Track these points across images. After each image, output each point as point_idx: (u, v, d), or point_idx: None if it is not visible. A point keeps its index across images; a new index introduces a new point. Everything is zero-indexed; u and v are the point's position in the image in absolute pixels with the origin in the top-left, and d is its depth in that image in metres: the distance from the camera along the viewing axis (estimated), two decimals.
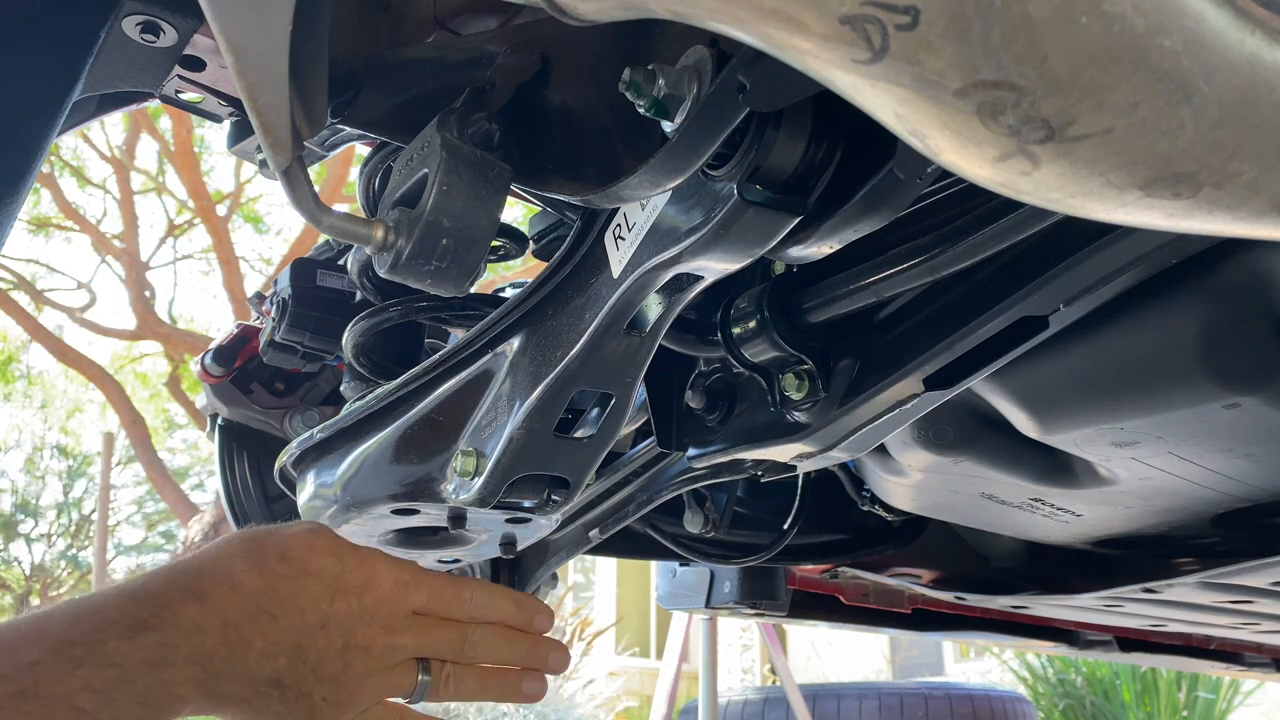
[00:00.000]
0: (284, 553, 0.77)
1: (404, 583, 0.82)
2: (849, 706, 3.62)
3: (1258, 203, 0.40)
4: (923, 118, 0.39)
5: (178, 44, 0.89)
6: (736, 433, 0.99)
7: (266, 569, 0.75)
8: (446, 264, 0.75)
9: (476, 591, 0.87)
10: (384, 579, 0.81)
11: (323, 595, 0.77)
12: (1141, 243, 0.74)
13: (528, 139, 0.84)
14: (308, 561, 0.77)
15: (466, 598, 0.86)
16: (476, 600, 0.86)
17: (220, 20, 0.63)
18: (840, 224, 0.72)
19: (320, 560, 0.78)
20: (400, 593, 0.81)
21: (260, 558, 0.76)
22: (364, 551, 0.82)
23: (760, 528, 1.47)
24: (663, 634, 5.59)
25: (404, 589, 0.82)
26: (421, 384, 1.01)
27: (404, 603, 0.81)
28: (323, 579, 0.77)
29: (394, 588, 0.81)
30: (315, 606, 0.76)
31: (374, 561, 0.81)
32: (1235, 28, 0.36)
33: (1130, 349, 0.87)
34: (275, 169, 0.71)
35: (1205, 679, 5.88)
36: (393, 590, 0.81)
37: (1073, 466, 1.10)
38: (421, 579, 0.84)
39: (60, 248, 34.72)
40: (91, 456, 18.57)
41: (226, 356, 1.67)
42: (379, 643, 0.79)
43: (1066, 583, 1.54)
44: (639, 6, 0.45)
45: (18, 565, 17.97)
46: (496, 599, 0.88)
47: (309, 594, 0.76)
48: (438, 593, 0.84)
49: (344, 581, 0.78)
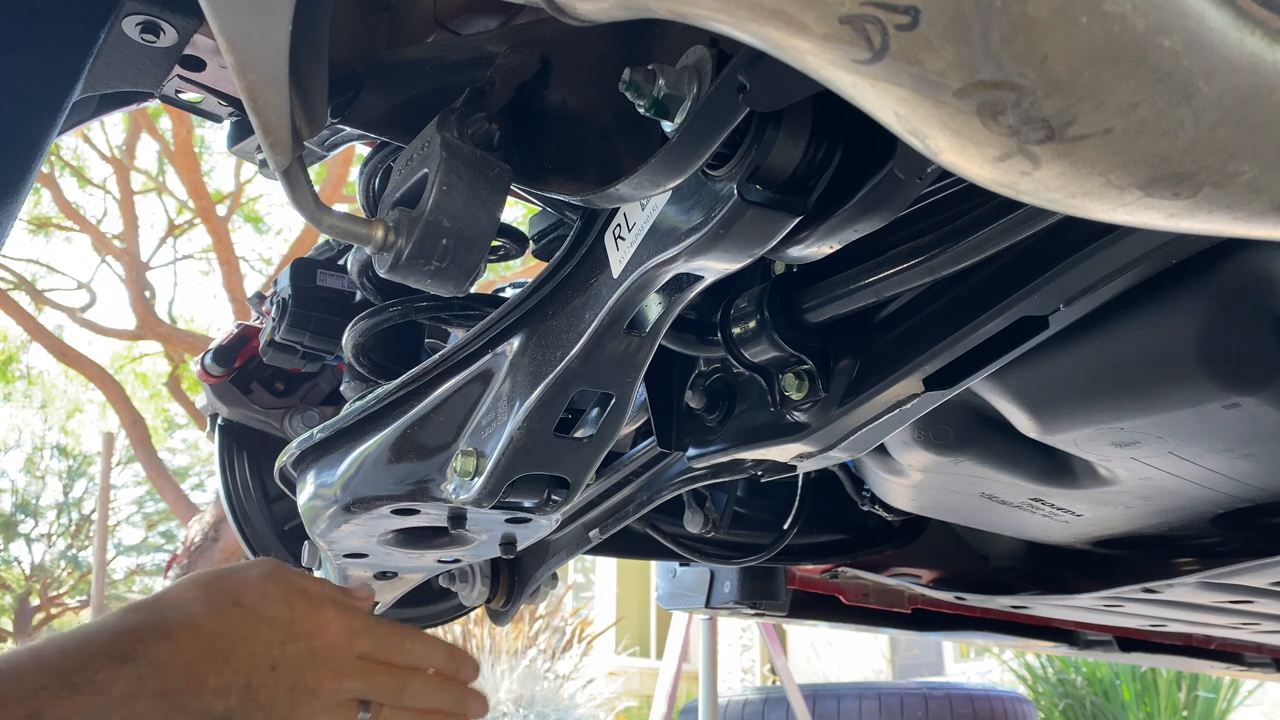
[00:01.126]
0: (239, 599, 0.84)
1: (353, 630, 0.90)
2: (849, 706, 3.62)
3: (1258, 203, 0.40)
4: (923, 118, 0.39)
5: (178, 44, 0.89)
6: (736, 433, 0.99)
7: (222, 614, 0.82)
8: (446, 264, 0.75)
9: (417, 641, 0.96)
10: (333, 625, 0.88)
11: (274, 640, 0.84)
12: (1141, 243, 0.74)
13: (528, 139, 0.84)
14: (261, 609, 0.84)
15: (408, 646, 0.95)
16: (417, 649, 0.95)
17: (220, 20, 0.63)
18: (840, 224, 0.72)
19: (273, 609, 0.85)
20: (349, 639, 0.89)
21: (218, 602, 0.83)
22: (315, 599, 0.89)
23: (760, 528, 1.47)
24: (663, 634, 5.59)
25: (352, 635, 0.89)
26: (421, 384, 1.01)
27: (351, 648, 0.89)
28: (274, 625, 0.84)
29: (343, 634, 0.89)
30: (266, 650, 0.83)
31: (324, 609, 0.89)
32: (1235, 28, 0.36)
33: (1130, 349, 0.87)
34: (275, 169, 0.71)
35: (1205, 679, 5.88)
36: (342, 636, 0.88)
37: (1073, 466, 1.10)
38: (371, 627, 0.92)
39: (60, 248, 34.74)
40: (91, 456, 18.58)
41: (226, 356, 1.67)
42: (327, 686, 0.86)
43: (1066, 583, 1.54)
44: (639, 6, 0.45)
45: (18, 565, 17.97)
46: (434, 649, 0.97)
47: (261, 639, 0.83)
48: (382, 640, 0.92)
49: (294, 628, 0.85)
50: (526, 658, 6.16)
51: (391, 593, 1.29)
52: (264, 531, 1.72)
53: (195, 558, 7.33)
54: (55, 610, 17.75)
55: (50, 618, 17.74)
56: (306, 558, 1.22)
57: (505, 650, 6.13)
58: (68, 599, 17.75)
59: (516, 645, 6.34)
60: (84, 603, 16.08)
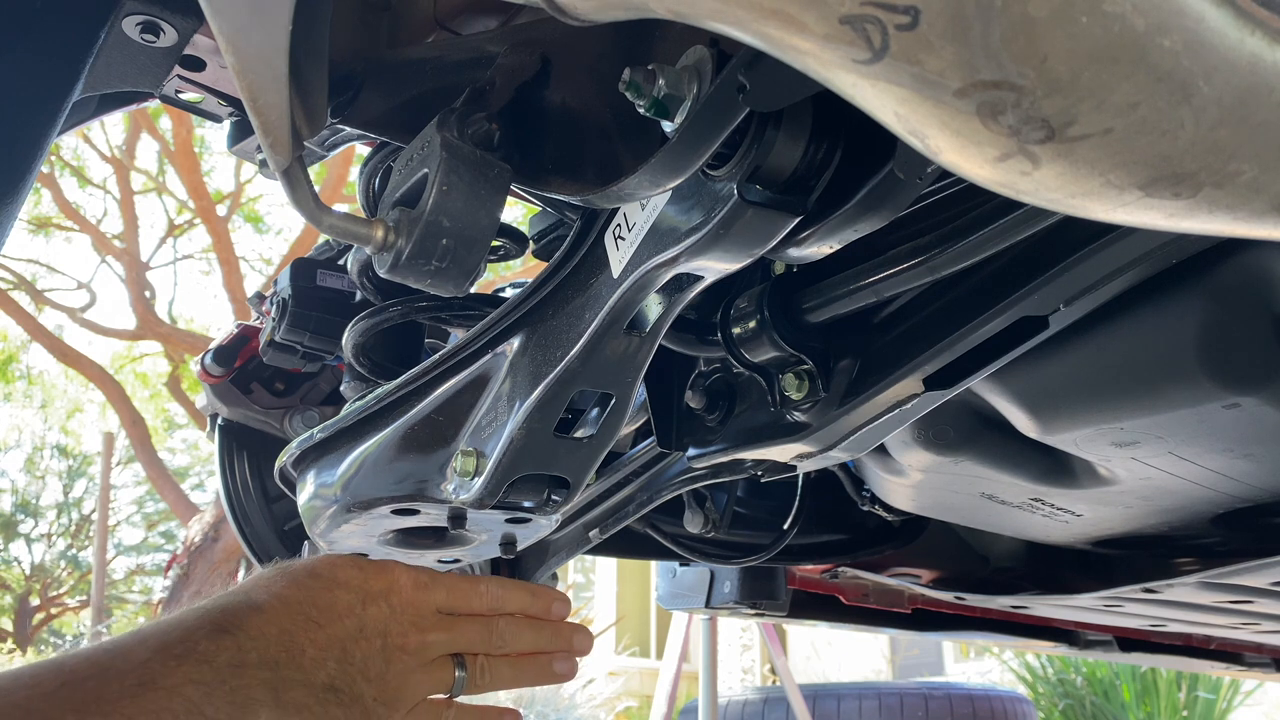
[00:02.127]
0: (312, 570, 0.86)
1: (422, 583, 0.89)
2: (849, 706, 3.62)
3: (1258, 203, 0.40)
4: (923, 118, 0.39)
5: (178, 44, 0.89)
6: (736, 433, 0.99)
7: (301, 584, 0.84)
8: (446, 264, 0.74)
9: (492, 585, 0.94)
10: (403, 581, 0.88)
11: (355, 602, 0.85)
12: (1141, 243, 0.74)
13: (528, 139, 0.84)
14: (334, 573, 0.86)
15: (483, 590, 0.93)
16: (493, 592, 0.93)
17: (220, 20, 0.63)
18: (840, 224, 0.72)
19: (345, 572, 0.86)
20: (421, 592, 0.89)
21: (294, 575, 0.85)
22: (381, 560, 0.91)
23: (760, 528, 1.47)
24: (663, 634, 5.59)
25: (423, 588, 0.89)
26: (421, 384, 1.01)
27: (426, 601, 0.89)
28: (350, 587, 0.85)
29: (414, 588, 0.88)
30: (350, 612, 0.84)
31: (391, 566, 0.89)
32: (1235, 28, 0.36)
33: (1130, 349, 0.87)
34: (275, 169, 0.71)
35: (1205, 679, 5.88)
36: (413, 591, 0.88)
37: (1073, 466, 1.10)
38: (438, 578, 0.91)
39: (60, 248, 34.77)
40: (91, 456, 18.58)
41: (226, 356, 1.67)
42: (412, 640, 0.87)
43: (1066, 583, 1.54)
44: (639, 6, 0.45)
45: (18, 565, 17.98)
46: (512, 590, 0.95)
47: (342, 602, 0.84)
48: (455, 589, 0.91)
49: (369, 587, 0.86)
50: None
51: None
52: (264, 531, 1.72)
53: (195, 558, 7.33)
54: (55, 610, 17.75)
55: (50, 618, 17.74)
56: (306, 558, 1.22)
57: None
58: (68, 599, 17.75)
59: None
60: (84, 603, 16.07)
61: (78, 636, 17.31)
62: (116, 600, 17.43)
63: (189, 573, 7.32)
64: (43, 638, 17.22)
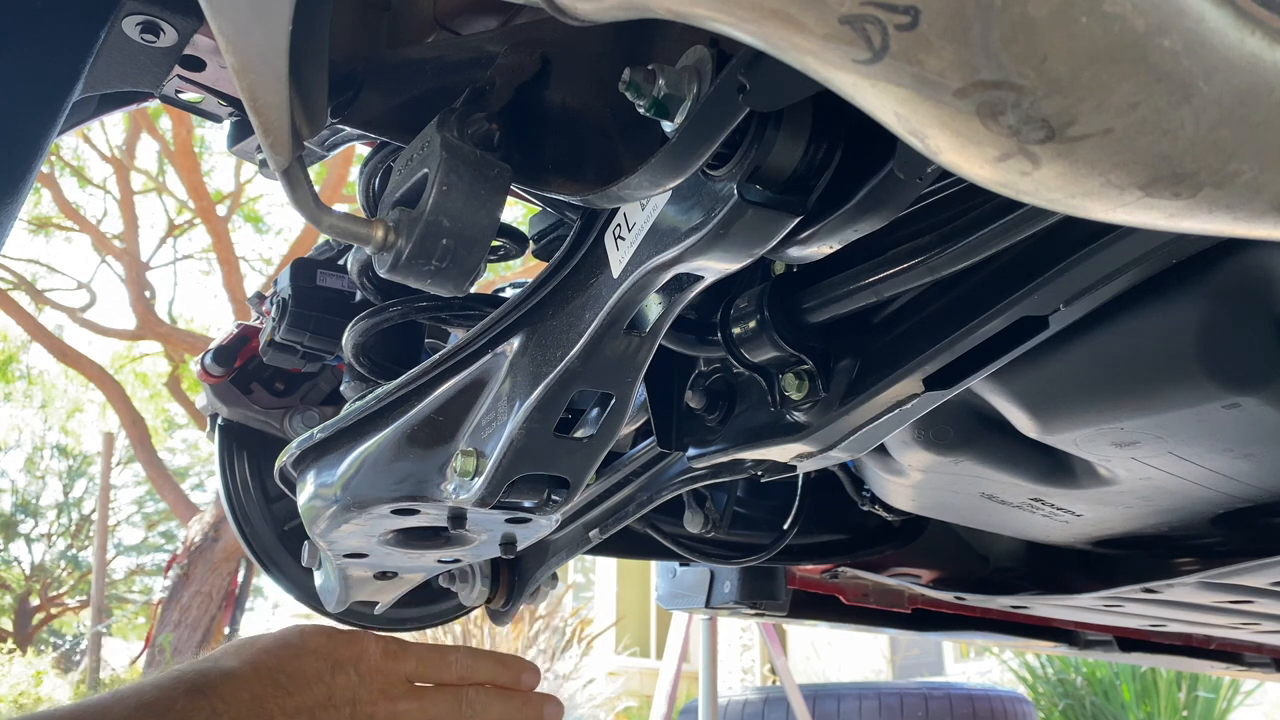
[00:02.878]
0: (282, 638, 0.89)
1: (392, 652, 0.92)
2: (849, 706, 3.62)
3: (1258, 203, 0.40)
4: (923, 118, 0.39)
5: (178, 44, 0.89)
6: (736, 433, 0.99)
7: (272, 651, 0.87)
8: (446, 264, 0.74)
9: (461, 654, 0.97)
10: (372, 650, 0.91)
11: (324, 669, 0.87)
12: (1141, 243, 0.74)
13: (528, 139, 0.84)
14: (304, 642, 0.89)
15: (452, 660, 0.96)
16: (463, 662, 0.96)
17: (220, 20, 0.63)
18: (840, 224, 0.72)
19: (314, 640, 0.89)
20: (390, 661, 0.92)
21: (265, 644, 0.88)
22: (351, 630, 0.93)
23: (760, 528, 1.47)
24: (663, 634, 5.59)
25: (392, 657, 0.92)
26: (421, 384, 1.01)
27: (396, 670, 0.92)
28: (319, 655, 0.88)
29: (383, 657, 0.91)
30: (319, 679, 0.87)
31: (360, 636, 0.92)
32: (1235, 28, 0.36)
33: (1130, 349, 0.87)
34: (275, 169, 0.71)
35: (1205, 679, 5.88)
36: (382, 659, 0.91)
37: (1073, 466, 1.10)
38: (407, 648, 0.94)
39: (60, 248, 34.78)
40: (91, 456, 18.59)
41: (226, 356, 1.67)
42: (381, 709, 0.89)
43: (1066, 583, 1.54)
44: (639, 6, 0.45)
45: (18, 565, 17.98)
46: (481, 660, 0.98)
47: (311, 669, 0.87)
48: (425, 658, 0.94)
49: (338, 655, 0.89)
50: (526, 658, 6.17)
51: (391, 593, 1.29)
52: (264, 531, 1.72)
53: (195, 558, 7.34)
54: (55, 610, 17.75)
55: (50, 618, 17.74)
56: (306, 558, 1.22)
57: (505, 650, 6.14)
58: (68, 599, 17.75)
59: (516, 645, 6.34)
60: (84, 603, 16.07)
61: (78, 636, 17.31)
62: (116, 600, 17.43)
63: (189, 573, 7.33)
64: (43, 638, 17.22)
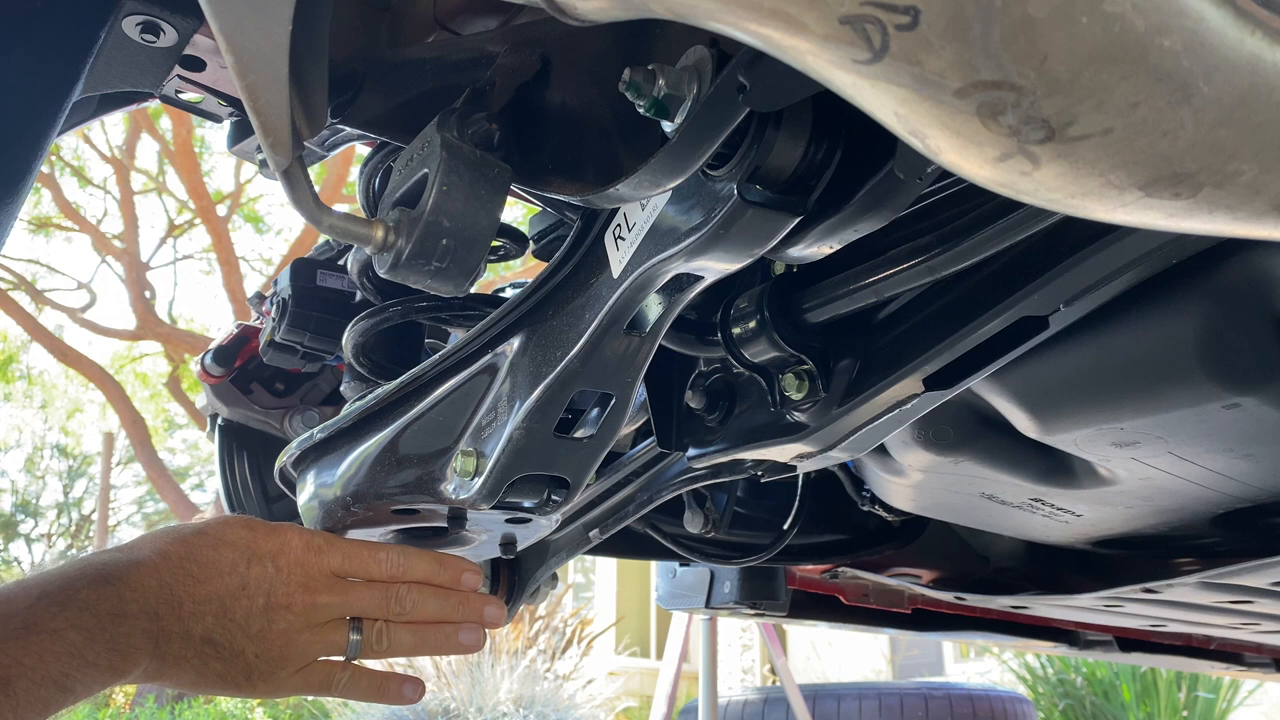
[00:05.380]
0: (200, 529, 0.87)
1: (315, 546, 0.90)
2: (849, 706, 3.62)
3: (1258, 203, 0.40)
4: (923, 118, 0.39)
5: (178, 44, 0.89)
6: (736, 433, 0.99)
7: (186, 541, 0.85)
8: (446, 264, 0.74)
9: (393, 552, 0.94)
10: (294, 544, 0.89)
11: (239, 560, 0.86)
12: (1141, 243, 0.74)
13: (528, 139, 0.84)
14: (222, 533, 0.87)
15: (383, 557, 0.93)
16: (393, 560, 0.93)
17: (220, 20, 0.63)
18: (840, 224, 0.72)
19: (234, 532, 0.87)
20: (313, 555, 0.89)
21: (181, 534, 0.86)
22: (276, 524, 0.91)
23: (760, 528, 1.47)
24: (663, 634, 5.59)
25: (315, 551, 0.90)
26: (421, 384, 1.01)
27: (318, 564, 0.89)
28: (236, 546, 0.86)
29: (305, 550, 0.89)
30: (233, 570, 0.85)
31: (284, 529, 0.90)
32: (1235, 28, 0.36)
33: (1130, 349, 0.87)
34: (275, 169, 0.71)
35: (1205, 679, 5.88)
36: (304, 553, 0.89)
37: (1073, 467, 1.10)
38: (334, 542, 0.91)
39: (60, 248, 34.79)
40: (91, 456, 18.59)
41: (226, 356, 1.67)
42: (298, 601, 0.87)
43: (1066, 583, 1.54)
44: (639, 6, 0.45)
45: (18, 565, 17.97)
46: (415, 559, 0.95)
47: (225, 560, 0.85)
48: (352, 554, 0.91)
49: (257, 547, 0.87)
50: (526, 658, 6.16)
51: None
52: None
53: None
54: None
55: None
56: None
57: (505, 650, 6.13)
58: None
59: (516, 645, 6.34)
60: None
61: None
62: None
63: None
64: None
